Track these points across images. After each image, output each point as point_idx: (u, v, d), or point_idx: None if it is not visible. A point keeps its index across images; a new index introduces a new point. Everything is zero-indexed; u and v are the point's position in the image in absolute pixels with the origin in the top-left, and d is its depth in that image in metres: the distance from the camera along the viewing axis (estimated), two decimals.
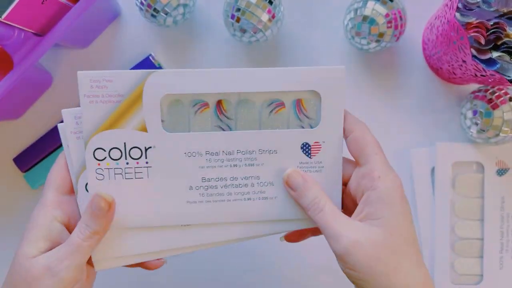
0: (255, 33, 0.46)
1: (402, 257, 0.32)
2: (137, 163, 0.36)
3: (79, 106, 0.52)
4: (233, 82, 0.36)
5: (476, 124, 0.47)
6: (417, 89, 0.52)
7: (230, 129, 0.37)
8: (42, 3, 0.41)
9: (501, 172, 0.50)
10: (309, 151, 0.37)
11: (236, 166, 0.37)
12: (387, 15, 0.45)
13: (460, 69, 0.44)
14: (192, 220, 0.37)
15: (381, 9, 0.45)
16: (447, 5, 0.42)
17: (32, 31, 0.43)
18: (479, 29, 0.40)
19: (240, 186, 0.37)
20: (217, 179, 0.37)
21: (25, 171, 0.53)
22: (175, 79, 0.35)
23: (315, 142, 0.37)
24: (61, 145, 0.52)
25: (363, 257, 0.32)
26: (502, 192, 0.50)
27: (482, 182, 0.50)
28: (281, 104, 0.37)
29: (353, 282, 0.33)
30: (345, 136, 0.36)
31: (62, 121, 0.38)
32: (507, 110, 0.46)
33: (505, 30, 0.40)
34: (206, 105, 0.36)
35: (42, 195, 0.37)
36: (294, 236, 0.40)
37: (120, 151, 0.36)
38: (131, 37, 0.52)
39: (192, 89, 0.35)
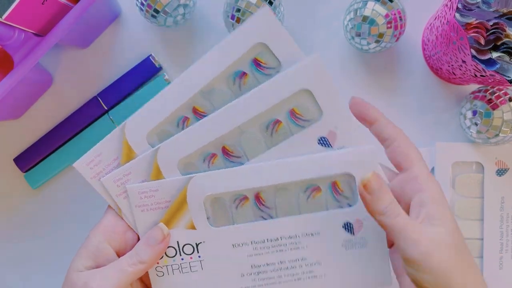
0: None
1: (467, 254, 0.33)
2: (191, 258, 0.39)
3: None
4: (269, 176, 0.37)
5: (476, 124, 0.47)
6: (417, 89, 0.52)
7: (271, 217, 0.38)
8: (42, 4, 0.42)
9: (501, 172, 0.50)
10: (352, 229, 0.38)
11: (282, 251, 0.38)
12: (387, 16, 0.45)
13: (460, 69, 0.44)
14: None
15: (381, 10, 0.45)
16: (446, 6, 0.42)
17: (33, 31, 0.43)
18: (479, 30, 0.40)
19: (288, 268, 0.38)
20: (266, 265, 0.38)
21: (25, 171, 0.53)
22: (214, 181, 0.37)
23: (357, 219, 0.38)
24: (61, 145, 0.52)
25: (441, 260, 0.31)
26: (502, 192, 0.50)
27: (481, 182, 0.50)
28: (317, 189, 0.38)
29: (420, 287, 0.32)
30: (386, 145, 0.36)
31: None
32: (507, 111, 0.46)
33: (504, 31, 0.40)
34: (245, 198, 0.38)
35: (102, 216, 0.40)
36: None
37: (175, 249, 0.38)
38: (131, 37, 0.52)
39: (230, 187, 0.38)
